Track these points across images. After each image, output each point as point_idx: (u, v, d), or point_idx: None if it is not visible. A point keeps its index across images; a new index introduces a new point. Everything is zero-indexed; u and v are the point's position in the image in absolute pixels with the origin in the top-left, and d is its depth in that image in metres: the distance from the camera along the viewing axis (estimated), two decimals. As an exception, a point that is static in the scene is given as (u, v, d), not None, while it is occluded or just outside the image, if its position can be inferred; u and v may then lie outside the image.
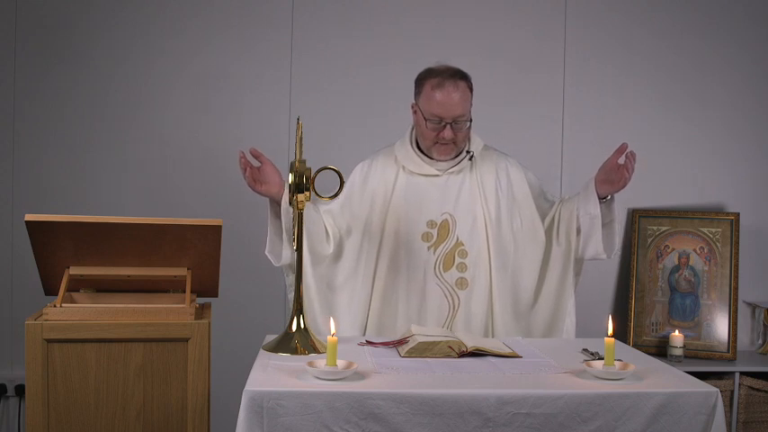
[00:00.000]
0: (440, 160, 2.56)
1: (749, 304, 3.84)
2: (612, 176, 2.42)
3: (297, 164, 2.15)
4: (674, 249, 3.73)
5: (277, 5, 3.67)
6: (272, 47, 3.67)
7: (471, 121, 2.53)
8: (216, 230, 2.15)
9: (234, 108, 3.66)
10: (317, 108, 3.63)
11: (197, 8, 3.64)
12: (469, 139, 2.60)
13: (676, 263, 3.72)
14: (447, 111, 2.45)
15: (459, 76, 2.49)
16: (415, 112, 2.56)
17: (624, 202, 3.81)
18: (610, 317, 2.03)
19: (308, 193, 2.15)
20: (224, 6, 3.65)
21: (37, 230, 2.10)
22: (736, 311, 3.65)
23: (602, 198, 2.48)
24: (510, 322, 2.55)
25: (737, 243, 3.68)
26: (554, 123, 3.78)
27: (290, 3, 3.67)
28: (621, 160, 2.39)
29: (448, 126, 2.46)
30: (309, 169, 2.16)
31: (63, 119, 3.59)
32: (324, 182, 2.21)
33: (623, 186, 2.42)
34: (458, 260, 2.53)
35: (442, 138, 2.48)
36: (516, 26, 3.76)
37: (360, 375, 1.89)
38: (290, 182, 2.14)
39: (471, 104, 2.52)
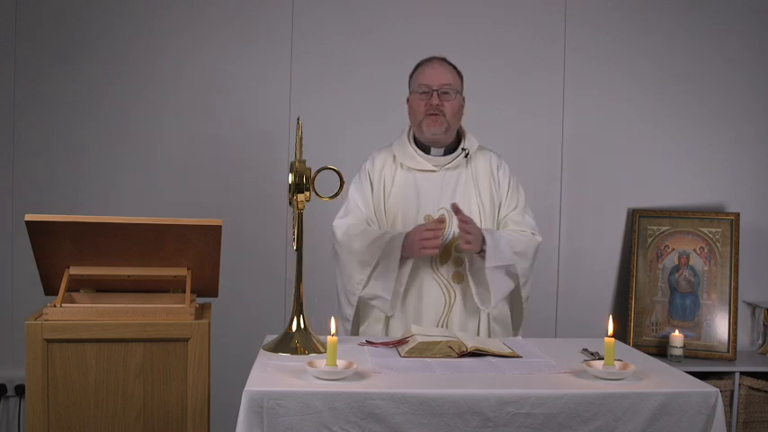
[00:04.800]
0: (430, 139, 2.58)
1: (749, 304, 3.84)
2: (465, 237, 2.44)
3: (297, 164, 2.15)
4: (674, 249, 3.73)
5: (277, 5, 3.67)
6: (272, 47, 3.67)
7: (462, 107, 2.60)
8: (216, 230, 2.15)
9: (234, 108, 3.66)
10: (317, 108, 3.63)
11: (197, 8, 3.64)
12: (465, 138, 2.65)
13: (676, 263, 3.72)
14: (433, 79, 2.54)
15: (448, 61, 2.61)
16: (408, 103, 2.64)
17: (624, 202, 3.82)
18: (610, 317, 2.03)
19: (307, 194, 2.15)
20: (224, 6, 3.65)
21: (37, 230, 2.10)
22: (736, 311, 3.65)
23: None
24: (503, 315, 2.62)
25: (737, 243, 3.68)
26: (554, 123, 3.78)
27: (289, 2, 3.67)
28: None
29: (435, 94, 2.53)
30: (309, 169, 2.16)
31: (63, 119, 3.59)
32: (324, 182, 2.21)
33: (473, 249, 2.44)
34: (454, 254, 2.56)
35: (430, 106, 2.54)
36: (516, 26, 3.76)
37: (360, 375, 1.89)
38: (290, 182, 2.14)
39: (462, 87, 2.61)
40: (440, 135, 2.57)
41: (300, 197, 2.14)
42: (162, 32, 3.63)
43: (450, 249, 2.57)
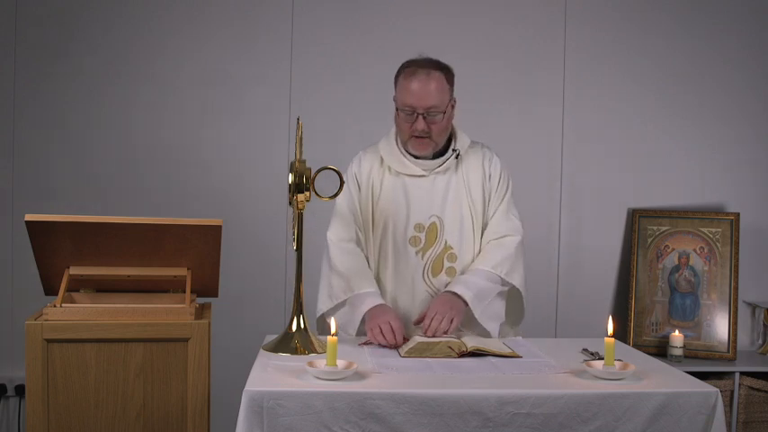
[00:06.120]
0: (417, 156, 2.48)
1: (749, 304, 3.84)
2: None
3: (297, 164, 2.15)
4: (674, 249, 3.73)
5: (277, 5, 3.67)
6: (272, 47, 3.67)
7: (452, 108, 2.44)
8: (216, 230, 2.15)
9: (234, 108, 3.66)
10: (317, 108, 3.63)
11: (197, 8, 3.64)
12: (455, 137, 2.53)
13: (676, 263, 3.72)
14: (418, 100, 2.36)
15: (435, 66, 2.41)
16: (395, 108, 2.49)
17: (624, 202, 3.82)
18: (610, 317, 2.03)
19: (308, 194, 2.15)
20: (224, 6, 3.65)
21: (37, 230, 2.10)
22: (736, 311, 3.65)
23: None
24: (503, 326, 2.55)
25: (737, 243, 3.68)
26: (554, 123, 3.78)
27: (289, 2, 3.67)
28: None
29: (420, 117, 2.37)
30: (309, 169, 2.16)
31: (63, 119, 3.59)
32: (324, 182, 2.21)
33: (458, 323, 2.35)
34: (447, 264, 2.48)
35: (415, 130, 2.39)
36: (516, 26, 3.76)
37: (360, 375, 1.89)
38: (290, 182, 2.14)
39: (452, 97, 2.44)
40: (427, 154, 2.48)
41: (300, 197, 2.14)
42: (162, 32, 3.63)
43: (442, 261, 2.48)
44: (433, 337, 2.25)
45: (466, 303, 2.36)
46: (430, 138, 2.42)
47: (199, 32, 3.64)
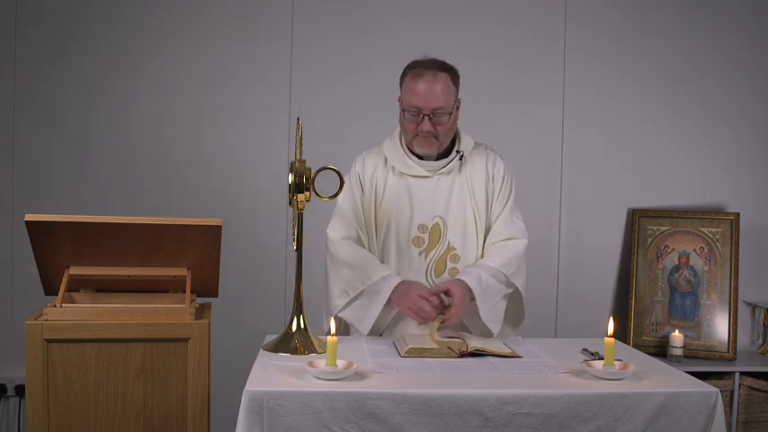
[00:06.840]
0: (422, 155, 2.48)
1: (749, 304, 3.84)
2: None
3: (297, 164, 2.15)
4: (674, 249, 3.73)
5: (277, 5, 3.67)
6: (272, 47, 3.67)
7: (458, 108, 2.45)
8: (216, 230, 2.15)
9: (234, 108, 3.66)
10: (317, 108, 3.63)
11: (197, 8, 3.64)
12: (459, 139, 2.54)
13: (676, 263, 3.73)
14: (425, 102, 2.37)
15: (441, 68, 2.42)
16: (400, 108, 2.49)
17: (624, 202, 3.82)
18: (610, 317, 2.04)
19: (308, 194, 2.15)
20: (224, 6, 3.65)
21: (37, 230, 2.10)
22: (736, 311, 3.65)
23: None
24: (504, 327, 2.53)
25: (737, 243, 3.68)
26: (554, 123, 3.78)
27: (289, 2, 3.67)
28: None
29: (426, 118, 2.38)
30: (309, 169, 2.16)
31: (63, 119, 3.59)
32: (324, 182, 2.21)
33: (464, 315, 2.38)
34: (450, 265, 2.48)
35: (421, 130, 2.40)
36: (516, 26, 3.76)
37: (360, 375, 1.89)
38: (290, 182, 2.14)
39: (456, 98, 2.45)
40: (432, 153, 2.48)
41: (300, 197, 2.14)
42: (162, 32, 3.63)
43: (445, 261, 2.48)
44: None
45: (472, 298, 2.37)
46: (436, 138, 2.43)
47: (199, 32, 3.64)
